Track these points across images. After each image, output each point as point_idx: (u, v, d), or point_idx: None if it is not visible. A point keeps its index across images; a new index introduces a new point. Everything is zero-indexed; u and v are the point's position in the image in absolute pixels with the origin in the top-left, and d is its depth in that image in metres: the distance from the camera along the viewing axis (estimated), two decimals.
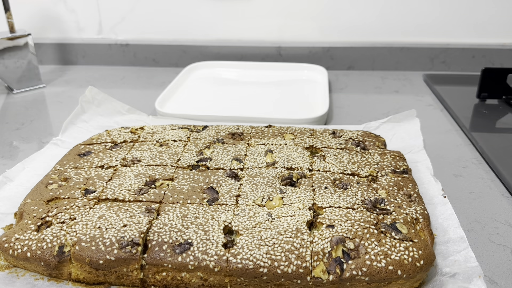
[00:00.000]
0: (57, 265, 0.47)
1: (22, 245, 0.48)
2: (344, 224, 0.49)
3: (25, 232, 0.50)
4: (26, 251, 0.48)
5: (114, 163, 0.62)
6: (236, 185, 0.57)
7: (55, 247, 0.48)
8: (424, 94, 1.01)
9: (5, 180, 0.63)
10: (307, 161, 0.62)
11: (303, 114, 0.86)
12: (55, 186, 0.57)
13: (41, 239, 0.49)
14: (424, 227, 0.51)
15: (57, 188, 0.57)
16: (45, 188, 0.57)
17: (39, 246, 0.48)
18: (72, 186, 0.57)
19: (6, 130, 0.86)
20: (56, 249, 0.48)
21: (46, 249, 0.48)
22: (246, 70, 1.12)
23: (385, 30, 1.14)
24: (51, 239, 0.48)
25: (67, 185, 0.57)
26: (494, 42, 1.13)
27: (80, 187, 0.57)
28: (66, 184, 0.58)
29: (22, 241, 0.49)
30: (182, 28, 1.18)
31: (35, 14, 1.19)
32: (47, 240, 0.48)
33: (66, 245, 0.48)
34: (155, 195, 0.55)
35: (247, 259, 0.46)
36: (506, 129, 0.83)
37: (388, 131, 0.77)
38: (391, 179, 0.58)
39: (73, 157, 0.65)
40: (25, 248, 0.48)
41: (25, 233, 0.49)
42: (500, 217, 0.60)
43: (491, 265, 0.52)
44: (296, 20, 1.15)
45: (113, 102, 0.85)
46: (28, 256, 0.48)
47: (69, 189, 0.56)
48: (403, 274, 0.45)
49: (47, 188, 0.57)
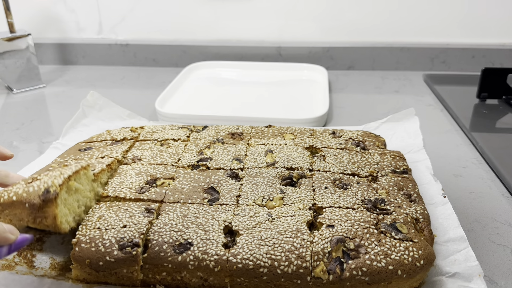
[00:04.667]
0: (41, 205, 0.45)
1: (9, 192, 0.47)
2: (344, 224, 0.49)
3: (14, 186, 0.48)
4: (13, 195, 0.46)
5: (114, 155, 0.62)
6: (236, 185, 0.57)
7: (41, 189, 0.46)
8: (424, 94, 1.01)
9: None
10: (307, 161, 0.62)
11: (303, 114, 0.86)
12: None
13: (29, 186, 0.47)
14: (424, 227, 0.51)
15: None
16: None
17: (26, 190, 0.46)
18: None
19: (6, 130, 0.86)
20: (42, 190, 0.46)
21: (32, 191, 0.46)
22: (246, 70, 1.12)
23: (385, 30, 1.14)
24: (38, 184, 0.47)
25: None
26: (494, 42, 1.13)
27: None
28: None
29: (10, 190, 0.47)
30: (182, 28, 1.18)
31: (35, 14, 1.19)
32: (34, 185, 0.47)
33: (52, 185, 0.46)
34: (156, 194, 0.55)
35: (247, 259, 0.46)
36: (506, 129, 0.83)
37: (387, 130, 0.77)
38: (391, 179, 0.58)
39: (73, 151, 0.65)
40: (12, 193, 0.46)
41: (14, 186, 0.48)
42: (500, 217, 0.60)
43: (491, 265, 0.52)
44: (296, 20, 1.15)
45: (114, 107, 0.85)
46: (14, 200, 0.46)
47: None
48: (403, 274, 0.45)
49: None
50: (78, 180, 0.51)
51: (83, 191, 0.52)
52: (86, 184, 0.53)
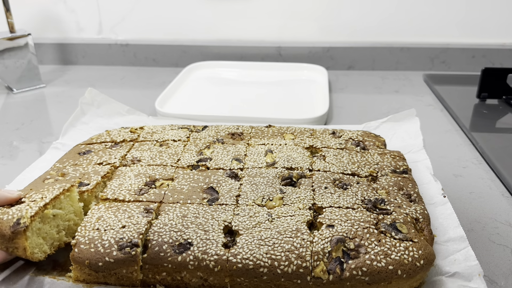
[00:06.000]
0: (11, 237, 0.46)
1: None
2: (344, 224, 0.49)
3: None
4: None
5: (112, 161, 0.62)
6: (236, 185, 0.57)
7: (14, 219, 0.47)
8: (424, 94, 1.01)
9: None
10: (307, 161, 0.62)
11: (303, 114, 0.86)
12: (52, 181, 0.57)
13: (5, 212, 0.48)
14: (424, 227, 0.51)
15: (53, 182, 0.57)
16: (42, 183, 0.57)
17: (1, 218, 0.47)
18: (68, 180, 0.57)
19: (6, 130, 0.86)
20: (13, 221, 0.46)
21: (5, 220, 0.46)
22: (246, 70, 1.12)
23: (385, 30, 1.14)
24: (13, 213, 0.47)
25: (63, 179, 0.57)
26: (494, 42, 1.13)
27: (75, 180, 0.57)
28: (62, 178, 0.58)
29: None
30: (182, 28, 1.18)
31: (35, 14, 1.19)
32: (9, 213, 0.47)
33: (24, 217, 0.47)
34: (155, 195, 0.55)
35: (247, 259, 0.46)
36: (506, 129, 0.83)
37: (387, 130, 0.76)
38: (391, 179, 0.58)
39: (73, 155, 0.65)
40: None
41: None
42: (500, 217, 0.60)
43: (491, 265, 0.52)
44: (296, 20, 1.15)
45: (112, 103, 0.85)
46: None
47: (64, 183, 0.56)
48: (403, 274, 0.45)
49: (44, 183, 0.57)
50: (59, 205, 0.51)
51: (63, 215, 0.52)
52: (69, 206, 0.53)
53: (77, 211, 0.54)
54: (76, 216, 0.54)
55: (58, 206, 0.51)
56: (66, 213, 0.52)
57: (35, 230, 0.48)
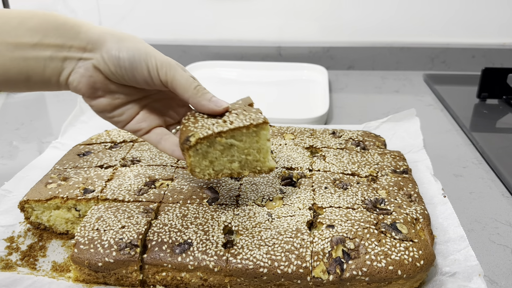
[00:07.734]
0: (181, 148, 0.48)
1: None
2: (344, 224, 0.49)
3: None
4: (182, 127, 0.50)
5: (113, 163, 0.62)
6: (236, 185, 0.57)
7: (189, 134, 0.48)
8: (424, 94, 1.01)
9: (4, 193, 0.61)
10: (307, 161, 0.62)
11: (303, 114, 0.86)
12: (54, 186, 0.57)
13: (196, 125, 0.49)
14: (424, 227, 0.51)
15: (56, 188, 0.57)
16: (44, 188, 0.57)
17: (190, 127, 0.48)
18: (71, 185, 0.57)
19: (6, 130, 0.86)
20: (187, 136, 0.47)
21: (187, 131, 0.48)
22: (246, 70, 1.11)
23: (385, 30, 1.14)
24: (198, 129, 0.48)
25: (66, 184, 0.57)
26: (494, 42, 1.12)
27: (79, 186, 0.57)
28: (65, 183, 0.58)
29: None
30: (182, 28, 1.18)
31: None
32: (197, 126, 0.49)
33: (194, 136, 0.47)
34: (155, 195, 0.55)
35: (247, 259, 0.46)
36: (506, 129, 0.83)
37: (388, 130, 0.76)
38: (391, 179, 0.58)
39: (72, 157, 0.65)
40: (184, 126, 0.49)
41: None
42: (500, 217, 0.60)
43: (491, 265, 0.52)
44: (296, 20, 1.15)
45: None
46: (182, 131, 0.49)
47: (68, 188, 0.56)
48: (403, 274, 0.45)
49: (46, 188, 0.57)
50: (239, 137, 0.49)
51: (242, 148, 0.49)
52: (253, 142, 0.50)
53: (262, 149, 0.51)
54: (259, 153, 0.51)
55: (238, 138, 0.49)
56: (246, 147, 0.50)
57: (200, 152, 0.48)
